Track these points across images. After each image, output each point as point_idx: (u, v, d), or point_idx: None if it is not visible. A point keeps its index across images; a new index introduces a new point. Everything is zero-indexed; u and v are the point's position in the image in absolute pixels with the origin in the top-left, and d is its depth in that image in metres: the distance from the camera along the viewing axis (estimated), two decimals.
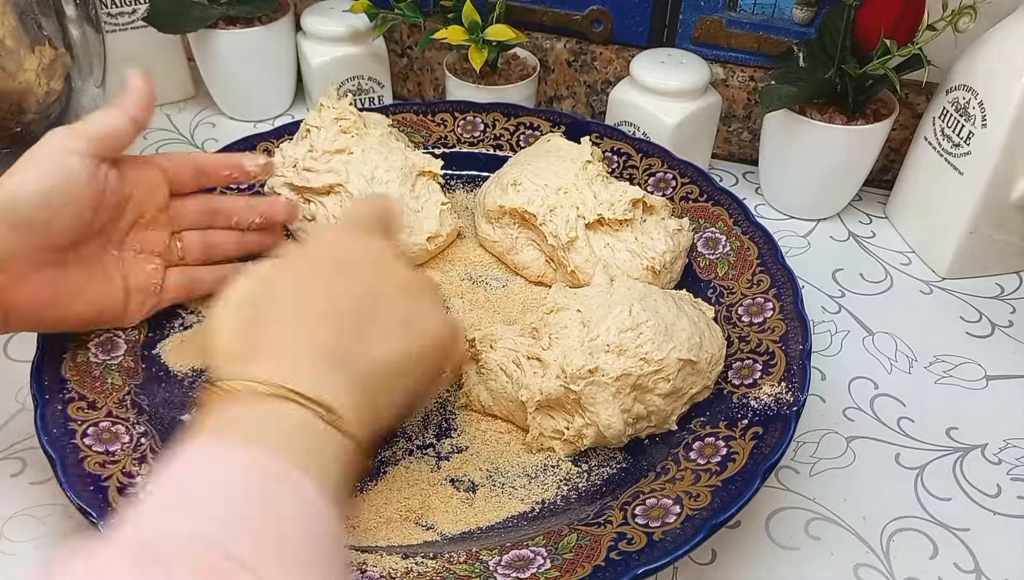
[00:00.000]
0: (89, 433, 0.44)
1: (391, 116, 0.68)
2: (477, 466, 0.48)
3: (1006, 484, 0.50)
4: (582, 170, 0.59)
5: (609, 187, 0.58)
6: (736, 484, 0.42)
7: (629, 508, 0.43)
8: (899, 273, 0.66)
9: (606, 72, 0.76)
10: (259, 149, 0.66)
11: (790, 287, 0.53)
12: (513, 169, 0.61)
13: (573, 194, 0.57)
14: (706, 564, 0.46)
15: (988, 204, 0.60)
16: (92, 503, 0.40)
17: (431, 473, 0.47)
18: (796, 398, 0.46)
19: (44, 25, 0.55)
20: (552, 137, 0.64)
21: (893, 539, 0.47)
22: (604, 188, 0.58)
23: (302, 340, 0.37)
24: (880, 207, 0.72)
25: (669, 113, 0.67)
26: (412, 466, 0.48)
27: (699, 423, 0.48)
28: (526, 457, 0.49)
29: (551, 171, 0.59)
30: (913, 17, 0.59)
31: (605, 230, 0.57)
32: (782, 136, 0.67)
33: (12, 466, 0.49)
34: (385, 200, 0.49)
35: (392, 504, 0.46)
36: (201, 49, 0.76)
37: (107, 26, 0.75)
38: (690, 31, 0.72)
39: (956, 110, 0.61)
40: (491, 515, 0.46)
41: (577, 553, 0.40)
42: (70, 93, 0.59)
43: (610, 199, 0.57)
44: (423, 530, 0.45)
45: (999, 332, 0.61)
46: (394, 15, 0.71)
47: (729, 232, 0.59)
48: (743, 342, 0.51)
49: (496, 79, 0.73)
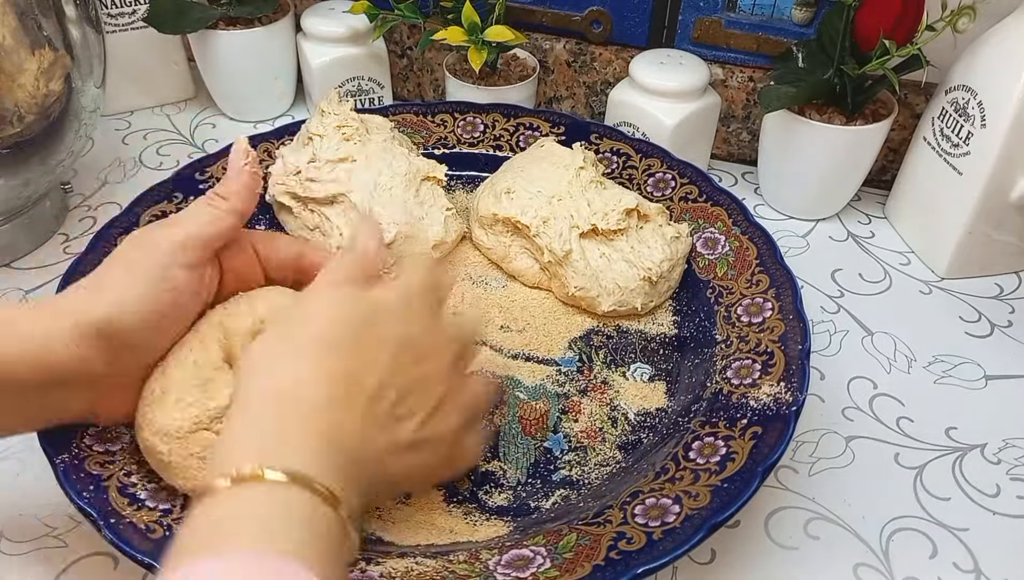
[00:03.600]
0: (89, 433, 0.44)
1: (391, 117, 0.68)
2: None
3: (1005, 484, 0.50)
4: (575, 177, 0.58)
5: (604, 194, 0.58)
6: (735, 484, 0.42)
7: (629, 508, 0.43)
8: (898, 273, 0.66)
9: (605, 73, 0.76)
10: (259, 150, 0.66)
11: (789, 287, 0.53)
12: (506, 175, 0.61)
13: (567, 202, 0.57)
14: (706, 564, 0.46)
15: (987, 204, 0.60)
16: (92, 503, 0.40)
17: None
18: (795, 398, 0.46)
19: (44, 26, 0.55)
20: (546, 142, 0.64)
21: (892, 539, 0.47)
22: (598, 195, 0.58)
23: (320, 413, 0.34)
24: (879, 207, 0.72)
25: (668, 114, 0.67)
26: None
27: (698, 423, 0.48)
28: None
29: (544, 178, 0.59)
30: (912, 17, 0.59)
31: (600, 239, 0.57)
32: (781, 136, 0.67)
33: (12, 466, 0.49)
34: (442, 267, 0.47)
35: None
36: (201, 49, 0.76)
37: (107, 26, 0.75)
38: (689, 32, 0.72)
39: (955, 110, 0.61)
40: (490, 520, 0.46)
41: (577, 553, 0.40)
42: (70, 94, 0.59)
43: (604, 208, 0.57)
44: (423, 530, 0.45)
45: (998, 332, 0.61)
46: (394, 16, 0.72)
47: (728, 232, 0.59)
48: (742, 342, 0.51)
49: (496, 80, 0.73)
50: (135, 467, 0.44)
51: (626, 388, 0.53)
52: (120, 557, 0.45)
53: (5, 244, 0.63)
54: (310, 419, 0.34)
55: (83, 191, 0.72)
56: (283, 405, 0.34)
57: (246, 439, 0.33)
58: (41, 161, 0.59)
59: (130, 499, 0.41)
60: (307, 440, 0.33)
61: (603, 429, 0.50)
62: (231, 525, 0.30)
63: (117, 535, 0.39)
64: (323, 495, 0.31)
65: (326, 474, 0.32)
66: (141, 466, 0.44)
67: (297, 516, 0.31)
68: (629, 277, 0.56)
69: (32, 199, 0.63)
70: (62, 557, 0.45)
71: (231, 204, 0.43)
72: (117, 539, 0.39)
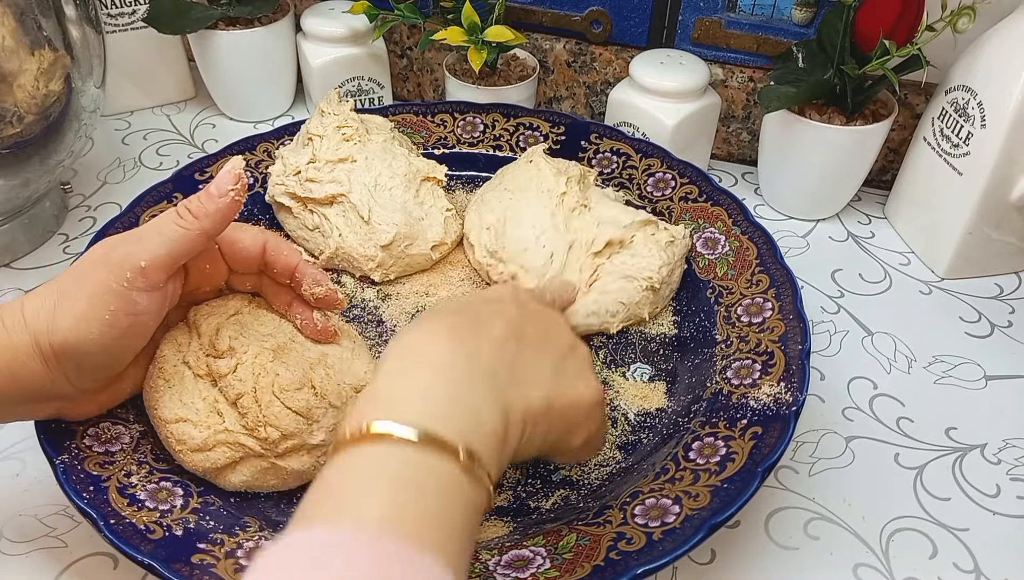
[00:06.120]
0: (89, 433, 0.44)
1: (391, 117, 0.68)
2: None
3: (1005, 484, 0.50)
4: (560, 204, 0.58)
5: (586, 219, 0.57)
6: (735, 484, 0.42)
7: (628, 508, 0.43)
8: (898, 273, 0.66)
9: (605, 73, 0.76)
10: (259, 150, 0.66)
11: (789, 287, 0.53)
12: (493, 205, 0.60)
13: (551, 236, 0.57)
14: (705, 564, 0.46)
15: (987, 204, 0.60)
16: (92, 504, 0.40)
17: None
18: (795, 398, 0.46)
19: (44, 26, 0.55)
20: (534, 155, 0.62)
21: (892, 539, 0.47)
22: (582, 222, 0.57)
23: (465, 352, 0.34)
24: (879, 207, 0.72)
25: (668, 114, 0.67)
26: None
27: (698, 423, 0.48)
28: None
29: (528, 208, 0.58)
30: (912, 17, 0.59)
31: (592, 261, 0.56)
32: (781, 137, 0.67)
33: (12, 466, 0.49)
34: (566, 284, 0.49)
35: None
36: (201, 49, 0.76)
37: (107, 27, 0.75)
38: (689, 32, 0.72)
39: (955, 111, 0.61)
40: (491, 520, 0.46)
41: (576, 553, 0.40)
42: (70, 94, 0.59)
43: (588, 236, 0.56)
44: None
45: (998, 332, 0.61)
46: (394, 16, 0.72)
47: (728, 232, 0.59)
48: (742, 342, 0.51)
49: (496, 80, 0.73)
50: (135, 467, 0.44)
51: (626, 388, 0.53)
52: (120, 557, 0.45)
53: (5, 244, 0.63)
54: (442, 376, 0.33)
55: (83, 191, 0.72)
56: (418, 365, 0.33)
57: (385, 396, 0.32)
58: (41, 161, 0.59)
59: (130, 499, 0.41)
60: (439, 396, 0.32)
61: None
62: (354, 487, 0.28)
63: (117, 535, 0.39)
64: (457, 456, 0.30)
65: (461, 431, 0.31)
66: (141, 466, 0.44)
67: (431, 486, 0.29)
68: (631, 291, 0.55)
69: (32, 199, 0.63)
70: (62, 557, 0.45)
71: (202, 225, 0.40)
72: (117, 539, 0.39)
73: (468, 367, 0.34)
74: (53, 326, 0.38)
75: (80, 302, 0.39)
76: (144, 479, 0.43)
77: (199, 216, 0.41)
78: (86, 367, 0.40)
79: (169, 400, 0.44)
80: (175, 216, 0.41)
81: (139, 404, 0.48)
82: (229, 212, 0.41)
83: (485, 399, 0.33)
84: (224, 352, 0.44)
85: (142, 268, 0.39)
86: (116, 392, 0.45)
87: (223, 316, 0.46)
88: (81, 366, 0.40)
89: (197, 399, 0.44)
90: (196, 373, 0.45)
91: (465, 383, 0.33)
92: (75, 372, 0.40)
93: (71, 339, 0.38)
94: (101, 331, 0.39)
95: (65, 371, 0.39)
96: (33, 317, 0.39)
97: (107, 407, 0.45)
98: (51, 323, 0.38)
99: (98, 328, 0.39)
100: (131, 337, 0.41)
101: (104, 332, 0.39)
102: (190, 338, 0.46)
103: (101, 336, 0.39)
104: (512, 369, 0.36)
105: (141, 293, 0.39)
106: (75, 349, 0.39)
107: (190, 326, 0.46)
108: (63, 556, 0.45)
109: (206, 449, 0.43)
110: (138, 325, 0.40)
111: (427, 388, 0.32)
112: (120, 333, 0.39)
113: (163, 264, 0.40)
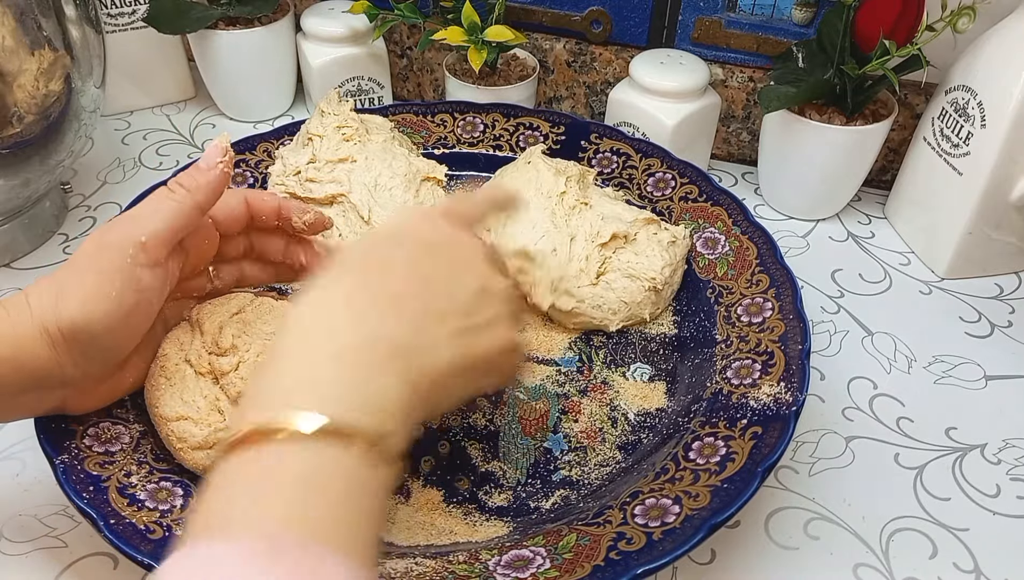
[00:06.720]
0: (89, 433, 0.44)
1: (391, 117, 0.68)
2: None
3: (1005, 484, 0.50)
4: (559, 203, 0.58)
5: (587, 216, 0.57)
6: (735, 484, 0.42)
7: (628, 508, 0.43)
8: (898, 273, 0.66)
9: (605, 73, 0.76)
10: (259, 150, 0.66)
11: (789, 287, 0.53)
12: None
13: (552, 236, 0.56)
14: (705, 564, 0.46)
15: (987, 204, 0.60)
16: (92, 504, 0.40)
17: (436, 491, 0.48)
18: (795, 398, 0.46)
19: (44, 26, 0.55)
20: (532, 156, 0.62)
21: (892, 539, 0.47)
22: (582, 220, 0.57)
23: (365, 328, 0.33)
24: (879, 207, 0.72)
25: (668, 114, 0.67)
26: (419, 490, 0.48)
27: (698, 423, 0.48)
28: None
29: (527, 215, 0.58)
30: (912, 17, 0.59)
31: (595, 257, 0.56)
32: (781, 137, 0.67)
33: (12, 466, 0.49)
34: (503, 193, 0.45)
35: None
36: (201, 49, 0.76)
37: (107, 26, 0.75)
38: (689, 32, 0.72)
39: (955, 110, 0.61)
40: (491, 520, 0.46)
41: (576, 553, 0.40)
42: (70, 94, 0.59)
43: (589, 232, 0.56)
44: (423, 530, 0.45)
45: (998, 332, 0.61)
46: (394, 16, 0.72)
47: (728, 232, 0.59)
48: (742, 342, 0.51)
49: (496, 80, 0.73)
50: (135, 467, 0.44)
51: (626, 388, 0.53)
52: (120, 557, 0.45)
53: (5, 244, 0.63)
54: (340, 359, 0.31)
55: (83, 191, 0.72)
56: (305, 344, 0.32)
57: (280, 387, 0.31)
58: (41, 161, 0.59)
59: (130, 499, 0.41)
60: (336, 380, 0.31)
61: (603, 429, 0.50)
62: (245, 493, 0.27)
63: (117, 535, 0.39)
64: (352, 436, 0.28)
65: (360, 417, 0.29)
66: (141, 466, 0.44)
67: (323, 474, 0.27)
68: (634, 290, 0.55)
69: (32, 199, 0.63)
70: (62, 557, 0.45)
71: (195, 198, 0.42)
72: (117, 539, 0.39)
73: (367, 343, 0.32)
74: (60, 309, 0.39)
75: (86, 284, 0.39)
76: (144, 479, 0.43)
77: (191, 189, 0.42)
78: (93, 350, 0.40)
79: (170, 398, 0.44)
80: (167, 192, 0.42)
81: (139, 404, 0.48)
82: (219, 184, 0.42)
83: (387, 375, 0.32)
84: (227, 350, 0.45)
85: (143, 243, 0.40)
86: (118, 383, 0.45)
87: (226, 314, 0.46)
88: (88, 349, 0.40)
89: (198, 397, 0.44)
90: (198, 371, 0.45)
91: (363, 364, 0.32)
92: (82, 356, 0.40)
93: (79, 320, 0.39)
94: (107, 310, 0.39)
95: (72, 355, 0.40)
96: (38, 304, 0.39)
97: (109, 401, 0.45)
98: (57, 307, 0.39)
99: (104, 307, 0.39)
100: (137, 315, 0.41)
101: (110, 311, 0.39)
102: (192, 337, 0.46)
103: (107, 315, 0.39)
104: (416, 329, 0.34)
105: (144, 269, 0.40)
106: (83, 329, 0.39)
107: (193, 324, 0.47)
108: (63, 556, 0.45)
109: (207, 447, 0.43)
110: (143, 302, 0.41)
111: (323, 373, 0.31)
112: (126, 311, 0.40)
113: (163, 239, 0.41)
